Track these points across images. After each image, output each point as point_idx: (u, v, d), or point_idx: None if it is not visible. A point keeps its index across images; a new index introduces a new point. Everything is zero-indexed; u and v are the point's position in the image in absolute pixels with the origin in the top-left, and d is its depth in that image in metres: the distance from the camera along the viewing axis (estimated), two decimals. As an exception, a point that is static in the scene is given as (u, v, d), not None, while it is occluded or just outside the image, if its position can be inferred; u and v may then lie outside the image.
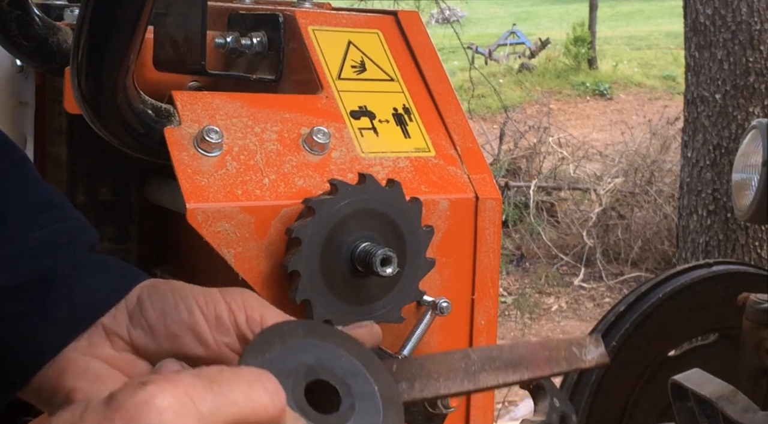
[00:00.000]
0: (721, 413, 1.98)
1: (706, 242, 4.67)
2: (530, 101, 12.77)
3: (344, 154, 0.97)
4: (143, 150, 0.94)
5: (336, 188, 0.88)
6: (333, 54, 1.05)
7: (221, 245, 0.88)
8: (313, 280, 0.88)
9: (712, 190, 4.65)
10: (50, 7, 1.27)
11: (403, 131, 1.03)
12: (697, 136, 4.73)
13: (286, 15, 1.07)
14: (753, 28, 4.54)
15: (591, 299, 6.50)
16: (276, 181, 0.91)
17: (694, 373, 2.13)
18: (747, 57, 4.54)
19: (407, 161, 1.00)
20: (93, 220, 1.25)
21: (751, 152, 2.54)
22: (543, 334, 5.89)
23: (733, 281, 2.59)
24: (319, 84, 1.02)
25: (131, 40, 0.83)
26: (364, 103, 1.02)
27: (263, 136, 0.94)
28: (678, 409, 2.17)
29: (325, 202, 0.87)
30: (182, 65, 1.05)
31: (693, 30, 4.76)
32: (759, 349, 2.34)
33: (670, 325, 2.58)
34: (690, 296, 2.58)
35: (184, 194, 0.87)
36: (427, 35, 1.11)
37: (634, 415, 2.57)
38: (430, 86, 1.08)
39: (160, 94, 0.95)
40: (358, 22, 1.09)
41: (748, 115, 4.50)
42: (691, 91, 4.79)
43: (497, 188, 1.03)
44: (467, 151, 1.04)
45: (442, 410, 0.79)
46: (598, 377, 2.51)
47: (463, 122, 1.06)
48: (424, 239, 0.94)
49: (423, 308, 0.98)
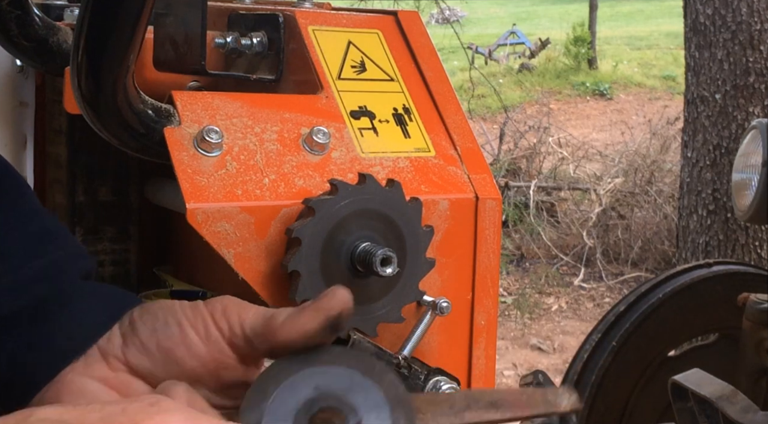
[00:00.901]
0: (721, 413, 1.98)
1: (706, 242, 4.67)
2: (530, 101, 12.77)
3: (344, 154, 0.97)
4: (143, 150, 0.94)
5: (336, 188, 0.88)
6: (333, 54, 1.05)
7: (221, 245, 0.88)
8: (313, 280, 0.88)
9: (712, 190, 4.65)
10: (50, 7, 1.27)
11: (403, 131, 1.03)
12: (697, 136, 4.73)
13: (286, 15, 1.07)
14: (753, 28, 4.54)
15: (591, 299, 6.50)
16: (276, 181, 0.91)
17: (694, 373, 2.13)
18: (747, 57, 4.54)
19: (407, 161, 1.00)
20: (93, 220, 1.25)
21: (751, 152, 2.54)
22: (543, 334, 5.88)
23: (733, 281, 2.59)
24: (319, 84, 1.02)
25: (131, 40, 0.83)
26: (364, 103, 1.02)
27: (263, 136, 0.94)
28: (678, 409, 2.17)
29: (325, 203, 0.87)
30: (182, 65, 1.05)
31: (693, 30, 4.75)
32: (759, 349, 2.34)
33: (670, 325, 2.57)
34: (690, 296, 2.58)
35: (184, 194, 0.87)
36: (427, 35, 1.11)
37: (634, 415, 2.57)
38: (430, 86, 1.08)
39: (160, 94, 0.95)
40: (358, 22, 1.09)
41: (748, 115, 4.50)
42: (691, 91, 4.79)
43: (497, 188, 1.03)
44: (467, 151, 1.04)
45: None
46: (598, 377, 2.50)
47: (463, 122, 1.06)
48: (424, 239, 0.94)
49: (423, 308, 0.98)
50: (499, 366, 4.96)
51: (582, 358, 2.55)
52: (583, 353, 2.55)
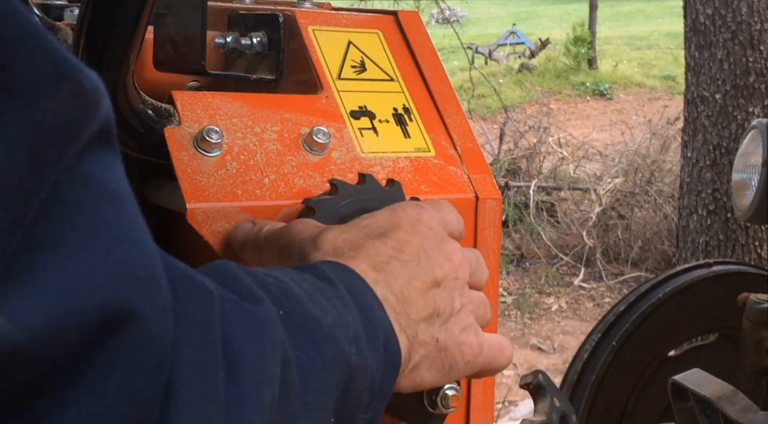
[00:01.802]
0: (721, 413, 1.98)
1: (706, 242, 4.67)
2: (530, 101, 12.78)
3: (344, 154, 0.97)
4: (143, 150, 0.94)
5: (336, 188, 0.88)
6: (333, 54, 1.05)
7: (221, 245, 0.88)
8: (313, 280, 0.88)
9: (712, 190, 4.65)
10: (50, 7, 1.27)
11: (403, 131, 1.03)
12: (697, 136, 4.73)
13: (286, 15, 1.07)
14: (753, 28, 4.54)
15: (591, 299, 6.51)
16: (276, 181, 0.91)
17: (694, 373, 2.14)
18: (747, 57, 4.54)
19: (407, 161, 1.00)
20: (93, 220, 1.25)
21: (751, 152, 2.54)
22: (543, 334, 5.89)
23: (733, 281, 2.59)
24: (319, 84, 1.02)
25: (131, 40, 0.83)
26: (364, 103, 1.02)
27: (263, 136, 0.94)
28: (678, 409, 2.17)
29: (325, 202, 0.87)
30: (182, 65, 1.05)
31: (693, 30, 4.76)
32: (759, 349, 2.34)
33: (670, 325, 2.58)
34: (690, 296, 2.58)
35: (184, 194, 0.87)
36: (427, 35, 1.11)
37: (634, 415, 2.57)
38: (430, 86, 1.07)
39: (160, 94, 0.95)
40: (358, 22, 1.09)
41: (748, 115, 4.50)
42: (691, 91, 4.80)
43: (497, 188, 1.03)
44: (467, 151, 1.04)
45: (442, 410, 0.79)
46: (598, 377, 2.51)
47: (463, 122, 1.06)
48: (424, 239, 0.94)
49: (423, 308, 0.98)
50: (499, 366, 4.94)
51: (582, 358, 2.55)
52: (583, 353, 2.56)
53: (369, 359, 0.60)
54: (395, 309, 0.65)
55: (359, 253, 0.68)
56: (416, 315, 0.67)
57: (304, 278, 0.61)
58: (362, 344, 0.59)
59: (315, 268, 0.64)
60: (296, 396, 0.53)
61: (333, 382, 0.57)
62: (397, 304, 0.66)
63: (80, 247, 0.39)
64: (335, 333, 0.58)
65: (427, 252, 0.70)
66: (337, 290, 0.61)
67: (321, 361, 0.56)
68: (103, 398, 0.40)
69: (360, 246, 0.69)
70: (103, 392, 0.40)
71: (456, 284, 0.71)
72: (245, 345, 0.50)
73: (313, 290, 0.59)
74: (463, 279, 0.72)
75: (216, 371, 0.46)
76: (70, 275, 0.38)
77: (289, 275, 0.61)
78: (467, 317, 0.72)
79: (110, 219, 0.42)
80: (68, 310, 0.38)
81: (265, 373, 0.50)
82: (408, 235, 0.70)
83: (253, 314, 0.52)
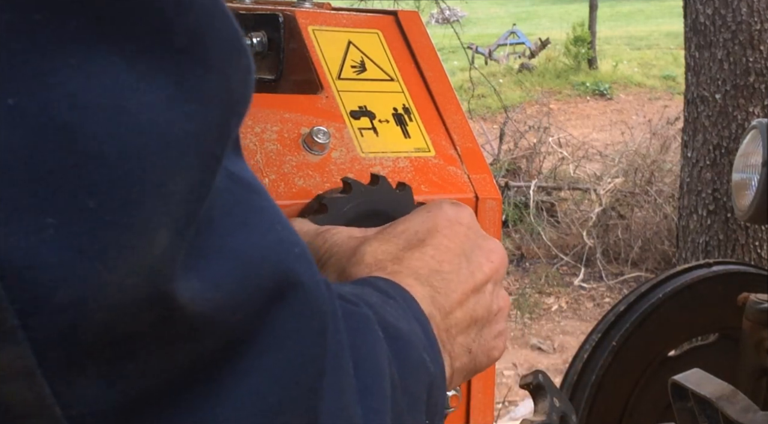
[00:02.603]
0: (721, 413, 1.98)
1: (706, 242, 4.67)
2: (530, 101, 12.78)
3: (344, 154, 0.97)
4: (143, 150, 0.93)
5: (350, 187, 0.88)
6: (333, 54, 1.05)
7: (221, 245, 0.88)
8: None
9: (712, 190, 4.65)
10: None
11: (403, 131, 1.03)
12: (697, 136, 4.73)
13: (286, 15, 1.07)
14: (753, 28, 4.54)
15: (591, 299, 6.50)
16: (276, 181, 0.91)
17: (694, 373, 2.14)
18: (747, 57, 4.54)
19: (407, 161, 1.00)
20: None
21: (751, 152, 2.54)
22: (543, 334, 5.89)
23: (733, 281, 2.59)
24: (319, 84, 1.02)
25: (131, 40, 0.83)
26: (364, 103, 1.02)
27: (263, 136, 0.94)
28: (678, 409, 2.17)
29: (337, 201, 0.87)
30: (182, 65, 1.05)
31: (693, 30, 4.76)
32: (759, 349, 2.34)
33: (670, 325, 2.57)
34: (690, 296, 2.58)
35: (184, 194, 0.87)
36: (427, 35, 1.11)
37: (634, 415, 2.57)
38: (430, 86, 1.07)
39: (160, 94, 0.95)
40: (358, 22, 1.09)
41: (748, 115, 4.50)
42: (691, 91, 4.79)
43: (497, 188, 1.03)
44: (467, 151, 1.04)
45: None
46: (598, 377, 2.51)
47: (463, 122, 1.06)
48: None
49: (423, 308, 0.98)
50: (499, 366, 4.96)
51: (582, 358, 2.55)
52: (583, 353, 2.55)
53: (438, 368, 0.60)
54: (438, 326, 0.65)
55: (401, 266, 0.67)
56: (455, 330, 0.66)
57: (367, 291, 0.61)
58: (430, 353, 0.59)
59: (371, 282, 0.63)
60: (402, 395, 0.53)
61: (421, 386, 0.57)
62: (441, 320, 0.65)
63: (241, 225, 0.40)
64: (413, 340, 0.58)
65: (468, 256, 0.69)
66: (398, 303, 0.61)
67: (410, 365, 0.56)
68: (276, 367, 0.41)
69: (401, 258, 0.68)
70: (276, 360, 0.41)
71: (495, 288, 0.71)
72: (357, 340, 0.50)
73: (382, 302, 0.59)
74: (501, 278, 0.72)
75: (348, 361, 0.47)
76: (244, 245, 0.40)
77: (356, 288, 0.61)
78: (501, 321, 0.72)
79: (259, 206, 0.43)
80: (251, 273, 0.39)
81: (381, 368, 0.51)
82: (447, 239, 0.69)
83: (356, 314, 0.52)
